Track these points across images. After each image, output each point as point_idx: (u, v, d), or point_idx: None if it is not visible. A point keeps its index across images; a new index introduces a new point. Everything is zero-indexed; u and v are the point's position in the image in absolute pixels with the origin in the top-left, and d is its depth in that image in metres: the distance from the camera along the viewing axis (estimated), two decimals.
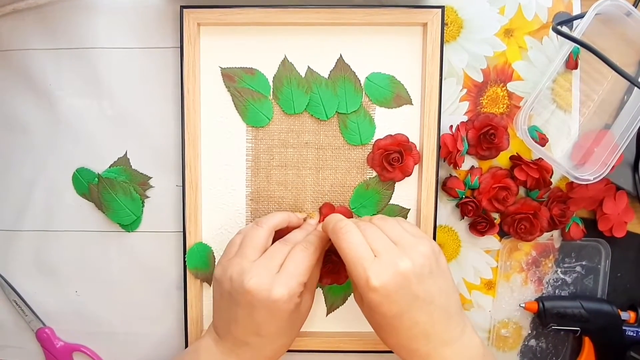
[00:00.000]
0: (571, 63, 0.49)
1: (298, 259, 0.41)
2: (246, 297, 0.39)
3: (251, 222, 0.50)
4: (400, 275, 0.37)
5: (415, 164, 0.49)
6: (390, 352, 0.50)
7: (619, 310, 0.50)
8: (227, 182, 0.50)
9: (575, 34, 0.46)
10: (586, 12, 0.46)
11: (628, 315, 0.51)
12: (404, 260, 0.38)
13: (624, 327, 0.50)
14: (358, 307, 0.51)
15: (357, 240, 0.39)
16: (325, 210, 0.49)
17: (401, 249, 0.39)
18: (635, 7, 0.47)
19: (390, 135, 0.49)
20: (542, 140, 0.49)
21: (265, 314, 0.40)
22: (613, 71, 0.44)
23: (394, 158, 0.48)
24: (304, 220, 0.49)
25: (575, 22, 0.48)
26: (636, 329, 0.50)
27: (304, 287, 0.42)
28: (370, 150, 0.49)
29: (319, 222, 0.49)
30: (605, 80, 0.50)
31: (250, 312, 0.40)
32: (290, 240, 0.44)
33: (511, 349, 0.53)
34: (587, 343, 0.51)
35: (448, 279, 0.41)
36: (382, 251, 0.39)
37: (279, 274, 0.40)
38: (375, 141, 0.49)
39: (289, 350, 0.48)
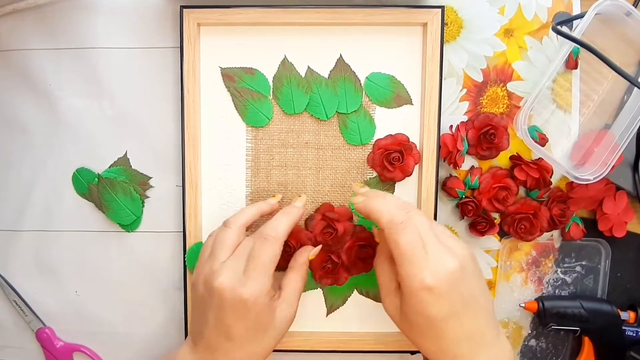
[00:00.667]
0: (571, 63, 0.49)
1: (260, 252, 0.41)
2: (215, 298, 0.39)
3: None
4: (452, 274, 0.37)
5: (416, 163, 0.49)
6: (390, 352, 0.50)
7: (619, 310, 0.50)
8: (227, 182, 0.50)
9: (575, 34, 0.46)
10: (586, 12, 0.46)
11: (628, 315, 0.51)
12: (453, 259, 0.37)
13: (623, 327, 0.50)
14: (358, 308, 0.51)
15: (414, 237, 0.38)
16: (325, 209, 0.49)
17: (446, 248, 0.38)
18: (635, 7, 0.47)
19: (391, 135, 0.49)
20: (542, 140, 0.49)
21: (233, 314, 0.39)
22: (613, 71, 0.44)
23: (394, 157, 0.48)
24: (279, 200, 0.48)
25: (575, 22, 0.48)
26: (636, 329, 0.50)
27: (280, 294, 0.42)
28: (370, 150, 0.49)
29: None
30: (605, 80, 0.50)
31: (219, 313, 0.39)
32: (257, 233, 0.43)
33: None
34: (587, 343, 0.51)
35: (484, 281, 0.40)
36: (431, 249, 0.38)
37: (245, 271, 0.40)
38: (376, 141, 0.49)
39: (290, 351, 0.48)
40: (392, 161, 0.48)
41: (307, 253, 0.46)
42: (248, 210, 0.45)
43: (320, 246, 0.47)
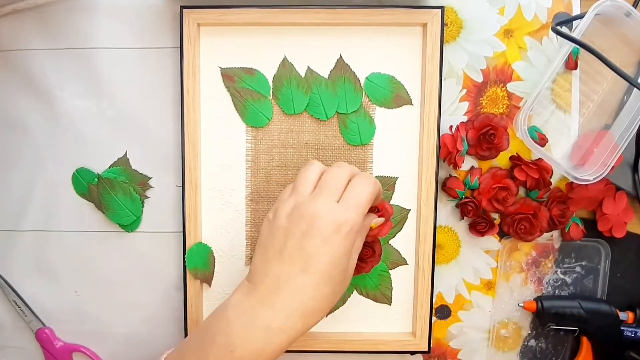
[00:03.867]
0: (571, 63, 0.49)
1: (359, 190, 0.39)
2: (302, 226, 0.38)
3: (251, 223, 0.50)
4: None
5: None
6: (390, 352, 0.50)
7: (618, 311, 0.50)
8: (226, 182, 0.50)
9: (574, 34, 0.46)
10: (586, 13, 0.46)
11: (626, 316, 0.51)
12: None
13: (622, 327, 0.50)
14: (358, 308, 0.51)
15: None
16: None
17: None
18: (635, 7, 0.47)
19: None
20: (542, 141, 0.49)
21: (318, 244, 0.37)
22: (613, 72, 0.44)
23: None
24: None
25: (574, 23, 0.48)
26: (634, 329, 0.50)
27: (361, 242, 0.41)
28: (370, 150, 0.49)
29: None
30: (604, 81, 0.50)
31: (301, 240, 0.37)
32: (344, 165, 0.41)
33: (511, 349, 0.53)
34: (585, 343, 0.51)
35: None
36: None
37: (340, 201, 0.39)
38: None
39: (290, 351, 0.48)
40: None
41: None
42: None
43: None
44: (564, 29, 0.48)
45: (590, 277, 0.52)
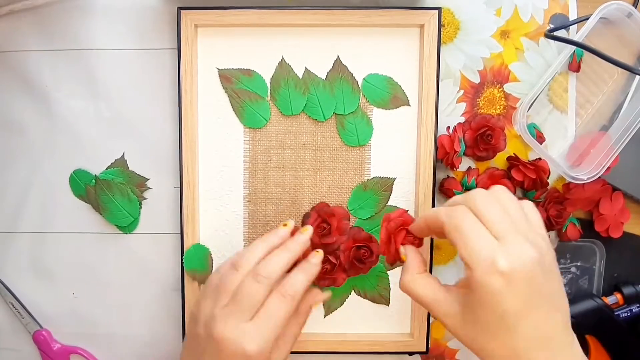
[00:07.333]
0: (574, 65, 0.49)
1: (278, 310, 0.38)
2: (212, 346, 0.37)
3: (248, 224, 0.50)
4: (530, 264, 0.32)
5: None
6: (388, 353, 0.50)
7: (604, 298, 0.50)
8: (224, 183, 0.50)
9: (577, 36, 0.46)
10: (577, 17, 0.45)
11: (615, 298, 0.51)
12: (531, 249, 0.32)
13: (616, 312, 0.50)
14: (355, 309, 0.51)
15: (473, 218, 0.34)
16: (320, 207, 0.49)
17: (524, 236, 0.33)
18: (635, 7, 0.47)
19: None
20: (539, 139, 0.49)
21: None
22: (613, 75, 0.44)
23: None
24: (292, 229, 0.44)
25: (574, 25, 0.48)
26: (628, 308, 0.50)
27: (279, 342, 0.39)
28: (367, 152, 0.49)
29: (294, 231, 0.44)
30: (605, 86, 0.50)
31: None
32: (263, 275, 0.39)
33: None
34: (591, 340, 0.51)
35: (562, 282, 0.35)
36: (506, 235, 0.33)
37: (251, 322, 0.37)
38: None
39: None
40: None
41: (312, 301, 0.43)
42: (257, 248, 0.41)
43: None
44: (563, 32, 0.48)
45: (585, 277, 0.52)
